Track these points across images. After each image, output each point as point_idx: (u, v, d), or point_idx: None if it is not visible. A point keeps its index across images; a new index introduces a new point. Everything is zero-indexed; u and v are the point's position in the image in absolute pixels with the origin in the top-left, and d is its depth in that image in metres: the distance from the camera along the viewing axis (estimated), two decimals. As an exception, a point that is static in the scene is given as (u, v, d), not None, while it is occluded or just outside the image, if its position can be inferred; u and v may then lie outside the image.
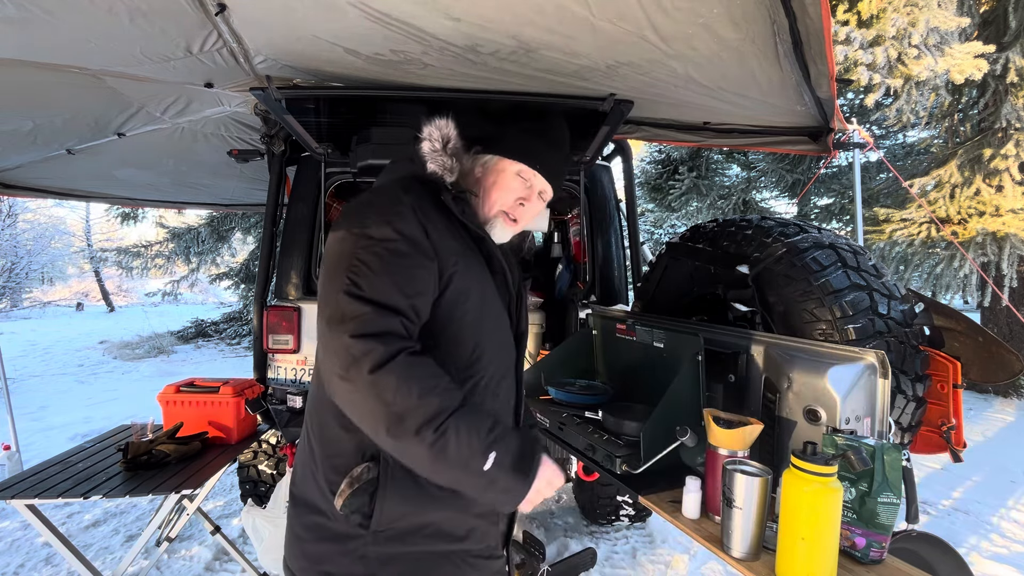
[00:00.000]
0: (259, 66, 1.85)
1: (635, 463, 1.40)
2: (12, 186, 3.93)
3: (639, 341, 1.82)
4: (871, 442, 1.08)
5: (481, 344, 1.13)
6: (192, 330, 10.81)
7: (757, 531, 1.10)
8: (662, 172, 9.58)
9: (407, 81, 1.92)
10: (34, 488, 1.93)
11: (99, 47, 1.72)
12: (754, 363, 1.43)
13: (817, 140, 2.48)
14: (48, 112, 2.50)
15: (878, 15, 4.82)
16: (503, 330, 1.20)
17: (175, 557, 2.80)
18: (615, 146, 3.09)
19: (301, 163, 2.82)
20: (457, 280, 1.08)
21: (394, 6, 1.36)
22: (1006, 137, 5.74)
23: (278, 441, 2.96)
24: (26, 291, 17.93)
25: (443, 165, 1.15)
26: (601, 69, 1.69)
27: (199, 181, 4.35)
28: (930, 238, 5.89)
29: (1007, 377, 1.58)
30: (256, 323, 2.66)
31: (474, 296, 1.11)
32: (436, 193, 1.14)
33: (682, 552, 2.93)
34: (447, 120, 1.17)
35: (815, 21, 1.30)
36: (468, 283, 1.10)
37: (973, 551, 3.05)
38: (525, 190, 1.23)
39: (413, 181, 1.14)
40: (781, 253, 1.59)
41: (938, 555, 1.42)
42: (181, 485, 1.97)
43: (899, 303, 1.50)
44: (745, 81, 1.77)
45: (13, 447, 3.36)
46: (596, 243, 2.93)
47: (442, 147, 1.16)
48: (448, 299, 1.08)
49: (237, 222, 10.63)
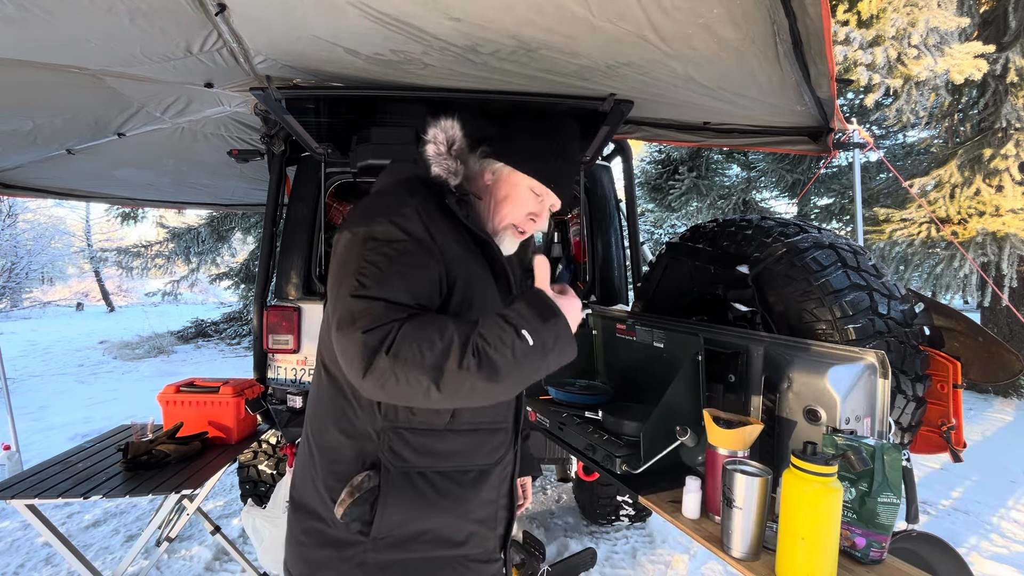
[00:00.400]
0: (259, 66, 1.85)
1: (635, 463, 1.40)
2: (12, 186, 3.93)
3: (639, 341, 1.82)
4: (871, 442, 1.08)
5: None
6: (192, 330, 10.81)
7: (757, 531, 1.10)
8: (662, 172, 9.58)
9: (407, 81, 1.92)
10: (34, 488, 1.93)
11: (99, 47, 1.72)
12: (754, 363, 1.43)
13: (817, 140, 2.48)
14: (48, 112, 2.50)
15: (878, 15, 4.82)
16: None
17: (175, 557, 2.80)
18: (615, 146, 3.09)
19: (301, 163, 2.82)
20: (461, 284, 1.07)
21: (394, 6, 1.36)
22: (1006, 137, 5.74)
23: (278, 441, 2.95)
24: (26, 291, 17.93)
25: (448, 168, 1.13)
26: (601, 69, 1.69)
27: (199, 181, 4.35)
28: (930, 238, 5.89)
29: (1007, 377, 1.58)
30: (256, 323, 2.66)
31: (478, 301, 1.10)
32: (440, 196, 1.12)
33: (682, 552, 2.93)
34: (452, 121, 1.15)
35: (815, 21, 1.30)
36: (472, 288, 1.09)
37: (973, 551, 3.05)
38: (537, 205, 1.22)
39: (416, 183, 1.13)
40: (781, 253, 1.59)
41: (938, 555, 1.42)
42: (181, 485, 1.97)
43: (899, 303, 1.50)
44: (745, 81, 1.77)
45: (13, 447, 3.36)
46: (596, 243, 2.93)
47: (447, 150, 1.14)
48: (452, 304, 1.07)
49: (237, 222, 10.63)
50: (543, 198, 1.22)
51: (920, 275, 6.14)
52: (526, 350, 0.91)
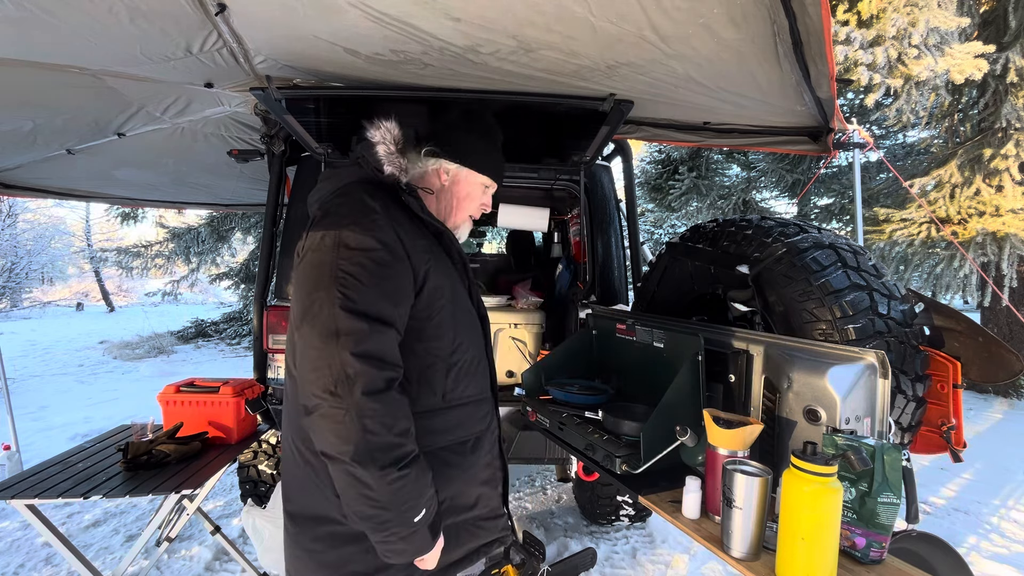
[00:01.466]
0: (259, 66, 1.85)
1: (635, 463, 1.40)
2: (12, 186, 3.93)
3: (639, 341, 1.82)
4: (871, 442, 1.08)
5: (459, 332, 1.21)
6: (192, 330, 10.80)
7: (757, 531, 1.10)
8: (662, 172, 9.58)
9: (407, 81, 1.92)
10: (34, 488, 1.93)
11: (99, 47, 1.72)
12: (754, 363, 1.43)
13: (817, 140, 2.48)
14: (48, 112, 2.50)
15: (878, 15, 4.82)
16: (472, 314, 1.29)
17: (175, 557, 2.80)
18: (615, 146, 3.09)
19: (301, 163, 2.82)
20: (432, 277, 1.14)
21: (394, 6, 1.36)
22: (1006, 137, 5.74)
23: (278, 441, 2.95)
24: (26, 291, 17.92)
25: (399, 166, 1.22)
26: (601, 69, 1.69)
27: (199, 181, 4.35)
28: (930, 238, 5.89)
29: (1007, 377, 1.58)
30: (256, 323, 2.66)
31: (447, 289, 1.19)
32: (394, 194, 1.19)
33: (682, 552, 2.93)
34: (393, 122, 1.25)
35: (815, 21, 1.30)
36: (440, 279, 1.17)
37: (973, 551, 3.05)
38: (487, 196, 1.41)
39: (370, 185, 1.17)
40: (781, 253, 1.59)
41: (938, 555, 1.42)
42: (181, 485, 1.97)
43: (899, 303, 1.50)
44: (745, 81, 1.77)
45: (13, 447, 3.36)
46: (596, 243, 2.93)
47: (396, 148, 1.23)
48: (425, 296, 1.13)
49: (237, 222, 10.63)
50: (490, 189, 1.40)
51: (920, 275, 6.14)
52: (410, 517, 1.03)
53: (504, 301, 3.12)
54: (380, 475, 0.97)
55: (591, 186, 2.95)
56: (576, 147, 2.65)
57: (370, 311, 1.01)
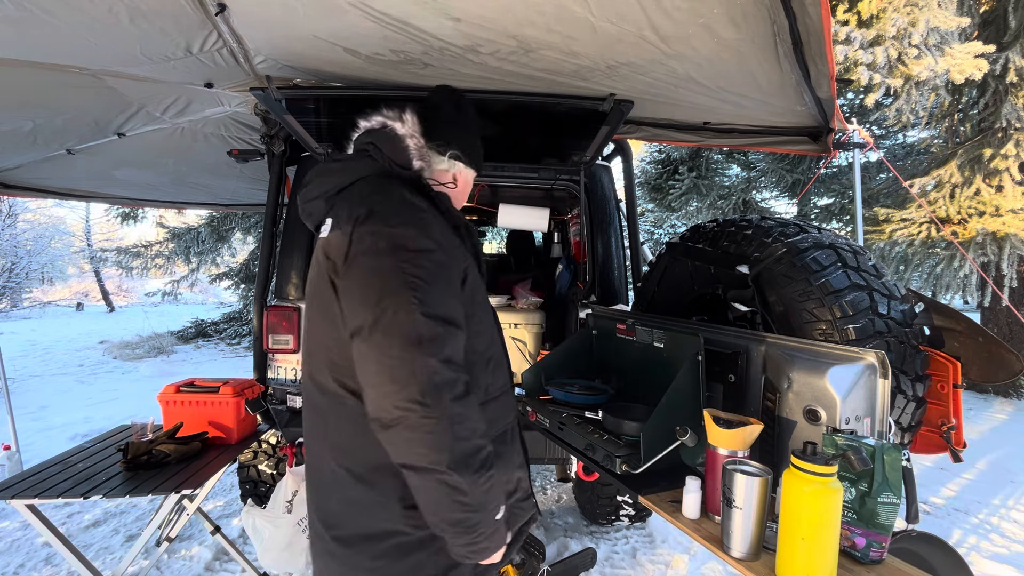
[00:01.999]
0: (259, 66, 1.85)
1: (635, 463, 1.40)
2: (12, 186, 3.93)
3: (639, 341, 1.82)
4: (871, 442, 1.08)
5: (491, 327, 1.22)
6: (192, 330, 10.80)
7: (757, 531, 1.10)
8: (662, 172, 9.57)
9: (407, 81, 1.92)
10: (34, 488, 1.93)
11: (99, 47, 1.72)
12: (754, 363, 1.43)
13: (817, 140, 2.48)
14: (48, 112, 2.50)
15: (878, 15, 4.82)
16: (490, 307, 1.29)
17: (175, 557, 2.80)
18: (615, 146, 3.09)
19: (301, 163, 2.82)
20: (470, 273, 1.14)
21: (394, 6, 1.36)
22: (1006, 137, 5.74)
23: (278, 441, 2.95)
24: (26, 291, 17.91)
25: (427, 161, 1.22)
26: (601, 69, 1.69)
27: (199, 181, 4.35)
28: (930, 238, 5.89)
29: (1007, 377, 1.58)
30: (256, 323, 2.66)
31: (480, 285, 1.19)
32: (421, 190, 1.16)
33: (682, 552, 2.93)
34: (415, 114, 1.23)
35: (815, 21, 1.30)
36: (475, 274, 1.16)
37: (973, 551, 3.05)
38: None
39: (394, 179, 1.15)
40: (781, 253, 1.59)
41: (938, 555, 1.42)
42: (181, 485, 1.97)
43: (899, 303, 1.50)
44: (745, 81, 1.77)
45: (13, 447, 3.36)
46: (596, 243, 2.93)
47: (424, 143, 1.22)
48: (467, 293, 1.12)
49: (237, 222, 10.62)
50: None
51: (920, 275, 6.14)
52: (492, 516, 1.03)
53: (504, 301, 3.12)
54: (474, 479, 0.96)
55: (591, 186, 2.95)
56: (576, 147, 2.65)
57: (445, 314, 0.99)
